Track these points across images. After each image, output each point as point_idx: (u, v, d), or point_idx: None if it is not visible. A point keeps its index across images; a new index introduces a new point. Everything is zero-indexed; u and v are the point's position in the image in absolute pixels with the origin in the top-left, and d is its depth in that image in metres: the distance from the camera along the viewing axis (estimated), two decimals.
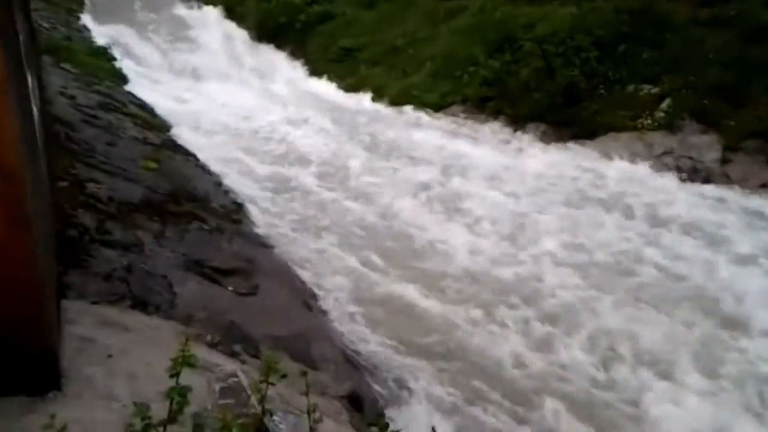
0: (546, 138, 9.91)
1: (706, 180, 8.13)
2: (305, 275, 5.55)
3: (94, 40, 16.60)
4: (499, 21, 12.24)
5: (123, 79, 12.58)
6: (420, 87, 12.65)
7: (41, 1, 18.19)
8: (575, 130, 9.89)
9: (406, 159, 9.27)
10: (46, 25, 15.00)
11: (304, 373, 2.11)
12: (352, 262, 5.87)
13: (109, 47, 15.24)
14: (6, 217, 2.48)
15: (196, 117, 11.51)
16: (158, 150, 7.70)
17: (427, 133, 10.61)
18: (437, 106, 11.86)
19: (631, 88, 10.05)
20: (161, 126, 9.56)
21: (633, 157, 8.74)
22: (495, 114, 10.95)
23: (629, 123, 9.43)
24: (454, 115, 11.41)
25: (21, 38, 4.52)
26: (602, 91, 10.11)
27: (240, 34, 20.45)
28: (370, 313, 5.21)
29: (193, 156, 8.38)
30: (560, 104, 10.23)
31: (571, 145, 9.54)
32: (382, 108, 12.79)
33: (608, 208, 7.37)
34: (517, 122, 10.52)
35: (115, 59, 14.26)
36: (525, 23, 11.86)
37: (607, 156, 8.89)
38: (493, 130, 10.46)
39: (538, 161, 9.04)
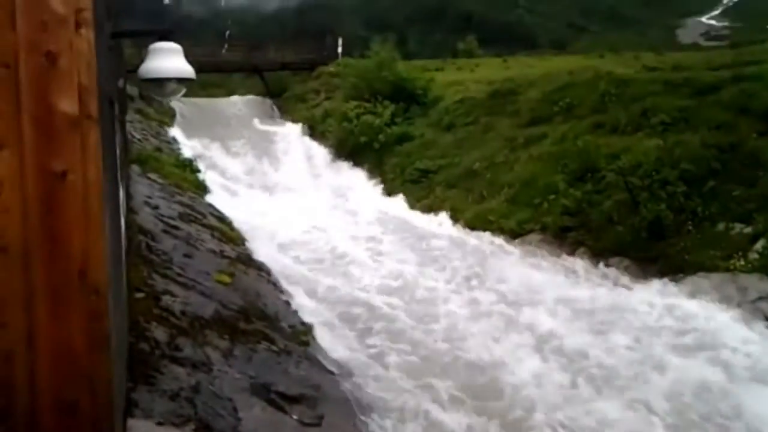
0: (630, 273, 9.62)
1: None
2: (370, 405, 5.38)
3: (181, 151, 17.65)
4: (580, 150, 12.29)
5: (205, 190, 13.18)
6: (497, 212, 12.68)
7: (136, 113, 19.61)
8: (661, 267, 9.56)
9: (485, 289, 9.09)
10: (138, 136, 16.07)
11: None
12: (425, 401, 5.62)
13: (195, 159, 16.12)
14: (86, 334, 2.50)
15: (272, 231, 11.84)
16: (233, 263, 7.86)
17: (505, 260, 10.47)
18: (514, 233, 11.80)
19: (721, 226, 9.75)
20: (238, 239, 9.83)
21: (724, 301, 8.31)
22: (576, 245, 10.77)
23: (720, 263, 9.05)
24: (531, 243, 11.29)
25: (117, 152, 4.81)
26: (690, 228, 9.83)
27: (320, 152, 21.35)
28: None
29: (266, 271, 8.50)
30: (645, 239, 9.98)
31: (656, 282, 9.19)
32: (456, 231, 12.83)
33: (712, 362, 6.72)
34: (600, 255, 10.29)
35: (199, 171, 15.03)
36: (608, 153, 11.87)
37: (696, 297, 8.49)
38: (575, 262, 10.24)
39: (624, 298, 8.69)
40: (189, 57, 4.50)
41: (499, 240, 11.82)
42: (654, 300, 8.49)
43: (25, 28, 2.40)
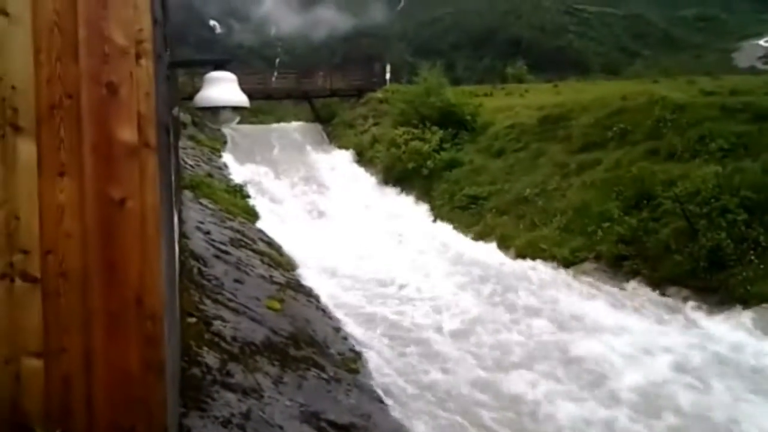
0: (689, 302, 9.33)
1: None
2: None
3: (232, 177, 17.96)
4: (635, 177, 12.07)
5: (255, 215, 13.37)
6: (549, 240, 12.51)
7: (189, 140, 20.09)
8: (722, 298, 9.27)
9: (540, 320, 8.92)
10: (190, 162, 16.44)
11: None
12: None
13: (245, 185, 16.37)
14: (142, 359, 2.54)
15: (320, 257, 11.91)
16: (282, 290, 7.91)
17: (561, 291, 10.28)
18: (568, 262, 11.61)
19: None
20: (287, 264, 9.91)
21: None
22: (632, 274, 10.53)
23: None
24: (585, 272, 11.08)
25: (172, 178, 4.91)
26: (753, 258, 9.50)
27: (368, 178, 21.49)
28: None
29: (315, 297, 8.54)
30: (705, 268, 9.69)
31: (717, 314, 8.89)
32: (508, 260, 12.69)
33: None
34: (657, 284, 10.04)
35: (249, 196, 15.27)
36: (664, 180, 11.63)
37: (762, 330, 8.17)
38: (634, 292, 10.00)
39: (688, 333, 8.40)
40: (241, 84, 4.60)
41: (552, 269, 11.62)
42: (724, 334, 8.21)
43: (87, 59, 2.48)
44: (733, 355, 7.65)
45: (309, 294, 8.51)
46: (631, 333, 8.30)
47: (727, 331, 8.37)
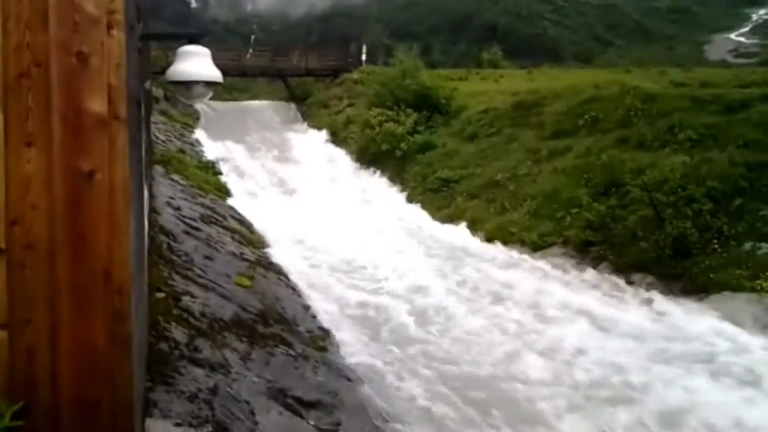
0: (653, 290, 9.50)
1: None
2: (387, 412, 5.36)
3: (204, 154, 17.78)
4: (605, 164, 12.19)
5: (227, 193, 13.28)
6: (519, 225, 12.62)
7: (161, 115, 19.83)
8: (685, 285, 9.45)
9: (504, 302, 9.02)
10: (162, 137, 16.23)
11: None
12: (440, 413, 5.57)
13: (217, 162, 16.22)
14: (109, 332, 2.52)
15: (292, 236, 11.88)
16: (253, 267, 7.89)
17: (525, 274, 10.40)
18: (536, 246, 11.73)
19: (748, 245, 9.60)
20: (258, 242, 9.87)
21: (752, 322, 8.16)
22: (598, 260, 10.68)
23: (746, 283, 8.90)
24: (553, 256, 11.22)
25: (143, 153, 4.85)
26: (716, 247, 9.69)
27: (342, 158, 21.45)
28: None
29: (285, 276, 8.53)
30: (669, 256, 9.86)
31: (681, 301, 9.07)
32: (476, 242, 12.79)
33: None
34: (622, 271, 10.19)
35: (221, 173, 15.13)
36: (633, 169, 11.76)
37: (724, 318, 8.33)
38: (597, 277, 10.15)
39: (649, 318, 8.56)
40: (215, 60, 4.53)
41: (519, 253, 11.74)
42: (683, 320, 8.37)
43: (57, 28, 2.43)
44: (676, 333, 7.87)
45: (279, 272, 8.50)
46: (590, 314, 8.46)
47: (682, 314, 8.55)
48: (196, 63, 4.37)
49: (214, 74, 4.46)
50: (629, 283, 9.89)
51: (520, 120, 17.32)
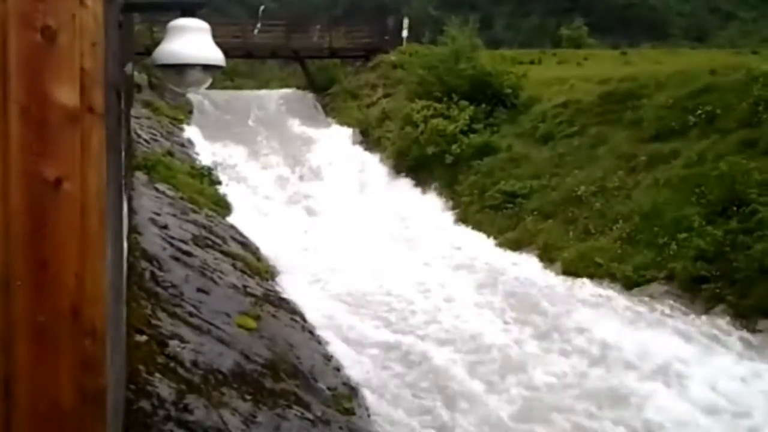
0: None
1: None
2: None
3: (198, 157, 18.04)
4: (723, 175, 12.04)
5: (226, 208, 13.43)
6: (607, 253, 12.53)
7: (144, 107, 20.18)
8: None
9: (592, 358, 8.93)
10: (145, 136, 16.53)
11: None
12: None
13: (215, 168, 16.44)
14: (77, 386, 2.54)
15: (309, 264, 11.96)
16: (259, 303, 7.96)
17: (620, 321, 10.26)
18: (630, 283, 11.61)
19: None
20: (266, 272, 9.96)
21: None
22: (712, 301, 10.53)
23: None
24: (652, 297, 11.08)
25: (123, 156, 4.95)
26: None
27: (374, 164, 21.58)
28: None
29: (300, 315, 8.58)
30: None
31: None
32: (552, 277, 12.70)
33: None
34: (744, 316, 10.05)
35: (219, 183, 15.35)
36: (761, 181, 11.61)
37: None
38: (713, 324, 9.98)
39: None
40: (214, 37, 4.56)
41: (609, 291, 11.62)
42: None
43: None
44: None
45: (293, 311, 8.55)
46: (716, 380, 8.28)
47: None
48: (190, 41, 4.42)
49: (214, 56, 4.51)
50: (753, 331, 9.72)
51: (611, 116, 17.20)
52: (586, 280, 12.19)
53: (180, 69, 4.54)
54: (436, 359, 8.57)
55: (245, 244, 11.14)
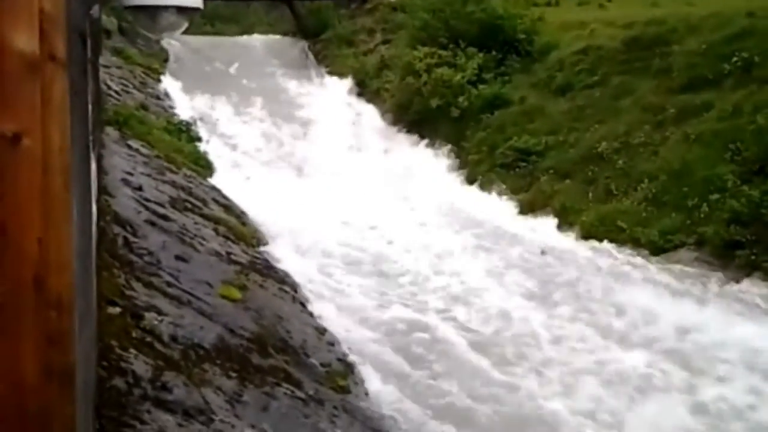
0: None
1: None
2: None
3: (176, 111, 17.97)
4: (760, 129, 12.03)
5: (208, 167, 13.42)
6: (631, 217, 12.55)
7: (114, 56, 20.07)
8: None
9: (610, 330, 8.99)
10: (116, 88, 16.45)
11: None
12: None
13: (194, 122, 16.39)
14: (42, 362, 2.54)
15: (300, 230, 11.97)
16: (244, 272, 7.99)
17: (645, 290, 10.32)
18: (656, 248, 11.65)
19: None
20: (252, 238, 9.99)
21: None
22: (748, 268, 10.57)
23: None
24: (681, 263, 11.12)
25: (90, 110, 4.94)
26: None
27: (371, 118, 21.50)
28: None
29: (291, 285, 8.62)
30: None
31: None
32: (569, 242, 12.73)
33: None
34: None
35: (199, 139, 15.32)
36: None
37: None
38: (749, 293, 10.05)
39: None
40: None
41: (633, 257, 11.67)
42: None
43: None
44: None
45: (282, 281, 8.58)
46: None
47: None
48: None
49: None
50: None
51: (636, 64, 17.11)
52: (607, 245, 12.22)
53: (153, 12, 4.53)
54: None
55: (229, 207, 11.15)
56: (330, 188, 15.98)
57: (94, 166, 5.45)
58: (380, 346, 8.12)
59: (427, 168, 18.13)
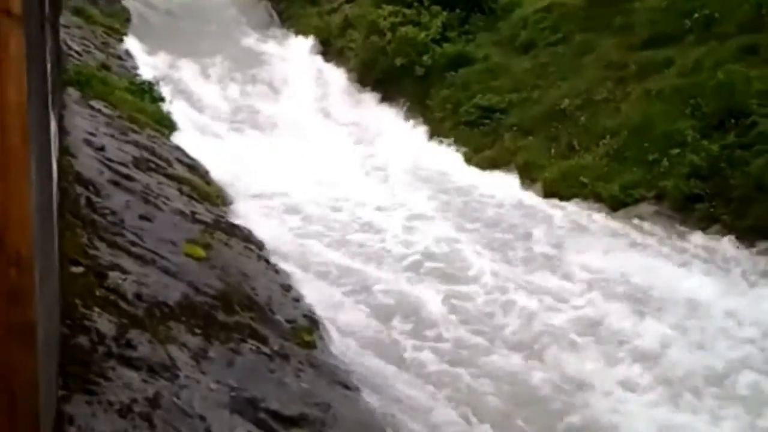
0: None
1: None
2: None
3: (138, 71, 17.77)
4: (721, 85, 12.12)
5: (171, 127, 13.30)
6: (593, 172, 12.65)
7: (75, 15, 19.76)
8: None
9: (567, 282, 9.13)
10: (77, 47, 16.22)
11: None
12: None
13: (157, 83, 16.21)
14: (3, 321, 2.52)
15: (265, 189, 11.95)
16: (209, 231, 7.97)
17: (603, 243, 10.45)
18: (617, 203, 11.77)
19: None
20: (217, 197, 9.96)
21: None
22: (706, 221, 10.72)
23: None
24: (641, 217, 11.24)
25: (48, 68, 4.88)
26: None
27: (336, 78, 21.41)
28: None
29: (257, 244, 8.62)
30: None
31: None
32: (531, 198, 12.81)
33: None
34: (742, 237, 10.23)
35: (162, 100, 15.14)
36: (762, 91, 11.69)
37: None
38: (706, 246, 10.18)
39: None
40: None
41: (595, 213, 11.78)
42: None
43: None
44: None
45: (247, 239, 8.58)
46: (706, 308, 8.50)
47: None
48: None
49: None
50: (753, 253, 9.93)
51: (598, 21, 17.11)
52: (568, 202, 12.32)
53: None
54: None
55: (193, 167, 11.07)
56: (294, 147, 15.91)
57: (54, 125, 5.40)
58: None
59: (391, 126, 18.09)
